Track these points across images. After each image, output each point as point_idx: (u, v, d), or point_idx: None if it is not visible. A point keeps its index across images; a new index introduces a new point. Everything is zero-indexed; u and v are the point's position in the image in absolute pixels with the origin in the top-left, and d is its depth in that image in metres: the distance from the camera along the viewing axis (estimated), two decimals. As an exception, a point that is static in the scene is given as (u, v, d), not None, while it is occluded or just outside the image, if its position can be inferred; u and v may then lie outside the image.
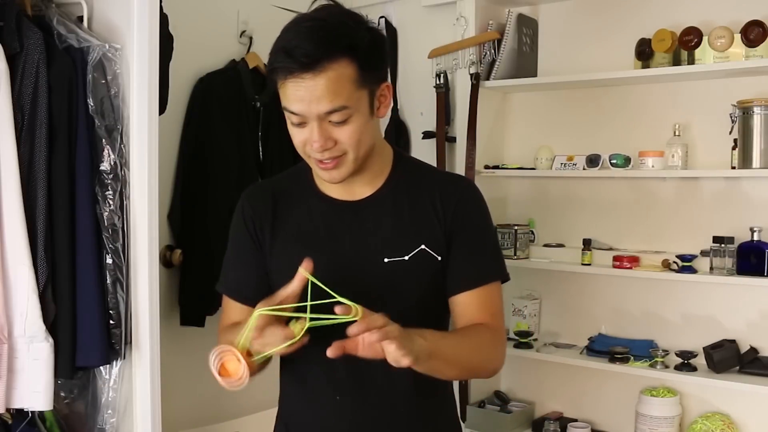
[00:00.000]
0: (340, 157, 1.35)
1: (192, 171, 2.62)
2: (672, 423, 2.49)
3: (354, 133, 1.34)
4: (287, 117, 1.36)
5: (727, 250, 2.38)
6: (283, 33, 1.34)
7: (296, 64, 1.28)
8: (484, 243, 1.50)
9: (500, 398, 2.80)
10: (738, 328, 2.48)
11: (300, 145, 1.36)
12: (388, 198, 1.46)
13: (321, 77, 1.28)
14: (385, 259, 1.41)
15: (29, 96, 1.72)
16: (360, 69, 1.31)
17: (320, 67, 1.27)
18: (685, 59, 2.50)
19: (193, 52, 2.60)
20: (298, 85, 1.29)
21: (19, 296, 1.70)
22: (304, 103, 1.30)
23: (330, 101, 1.29)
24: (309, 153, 1.36)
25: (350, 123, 1.33)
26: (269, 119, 2.81)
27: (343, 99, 1.30)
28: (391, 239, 1.43)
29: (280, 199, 1.50)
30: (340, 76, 1.29)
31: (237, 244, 1.52)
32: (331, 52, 1.28)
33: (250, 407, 2.76)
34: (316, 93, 1.29)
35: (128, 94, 1.86)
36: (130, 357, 1.88)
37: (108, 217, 1.82)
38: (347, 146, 1.34)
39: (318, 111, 1.30)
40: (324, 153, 1.34)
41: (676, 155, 2.47)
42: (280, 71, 1.31)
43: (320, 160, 1.35)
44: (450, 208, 1.45)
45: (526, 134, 2.93)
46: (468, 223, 1.47)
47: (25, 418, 1.80)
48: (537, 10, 2.90)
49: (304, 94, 1.29)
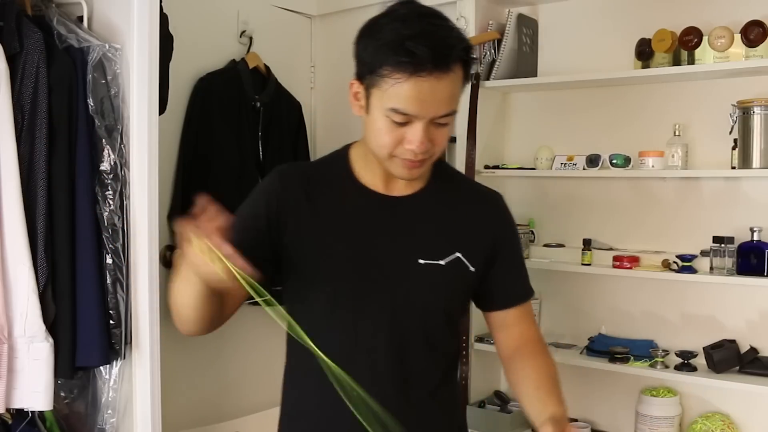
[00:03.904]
0: (426, 159, 1.33)
1: (192, 171, 2.62)
2: (672, 423, 2.49)
3: (446, 136, 1.32)
4: (385, 115, 1.27)
5: (727, 250, 2.37)
6: (393, 24, 1.26)
7: (428, 62, 1.21)
8: (522, 259, 1.54)
9: (500, 398, 2.80)
10: (738, 328, 2.48)
11: (391, 144, 1.29)
12: (428, 199, 1.44)
13: (447, 79, 1.24)
14: (420, 260, 1.39)
15: (29, 96, 1.72)
16: (465, 74, 1.30)
17: (449, 69, 1.24)
18: (685, 59, 2.49)
19: (193, 52, 2.60)
20: (422, 84, 1.22)
21: (19, 296, 1.70)
22: (424, 104, 1.24)
23: (449, 105, 1.27)
24: (398, 154, 1.30)
25: (446, 127, 1.31)
26: (269, 119, 2.81)
27: (455, 103, 1.29)
28: (428, 241, 1.41)
29: (315, 183, 1.43)
30: (458, 79, 1.27)
31: (249, 212, 1.43)
32: (456, 55, 1.25)
33: (250, 407, 2.76)
34: (438, 95, 1.24)
35: (128, 94, 1.86)
36: (130, 357, 1.88)
37: (108, 217, 1.82)
38: (438, 149, 1.32)
39: (436, 113, 1.26)
40: (418, 155, 1.29)
41: (676, 155, 2.46)
42: (404, 67, 1.22)
43: (411, 160, 1.30)
44: (491, 224, 1.46)
45: (526, 134, 2.93)
46: (509, 240, 1.49)
47: (25, 418, 1.80)
48: (537, 10, 2.90)
49: (427, 94, 1.23)
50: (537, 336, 1.53)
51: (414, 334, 1.41)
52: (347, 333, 1.34)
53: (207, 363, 2.73)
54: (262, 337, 2.90)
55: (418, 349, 1.42)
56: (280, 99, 2.88)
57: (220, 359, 2.77)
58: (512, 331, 1.51)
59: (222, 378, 2.77)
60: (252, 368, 2.83)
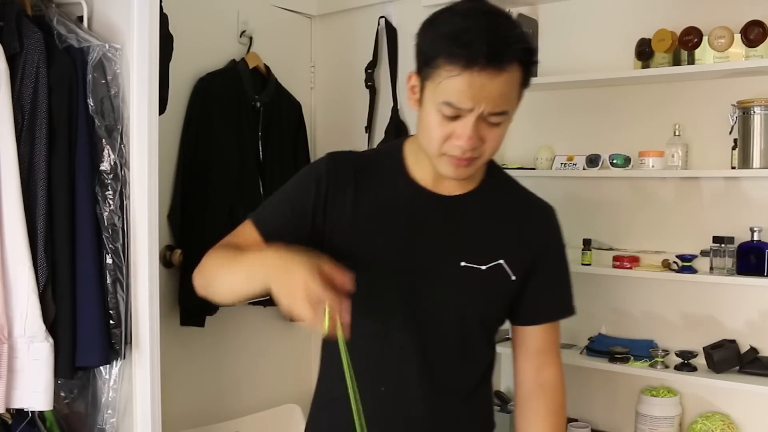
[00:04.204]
0: (476, 159, 1.30)
1: (192, 171, 2.62)
2: (672, 423, 2.49)
3: (499, 139, 1.30)
4: (437, 109, 1.26)
5: (727, 250, 2.37)
6: (453, 18, 1.25)
7: (482, 57, 1.20)
8: (565, 277, 1.50)
9: (500, 398, 2.80)
10: (738, 328, 2.48)
11: (440, 139, 1.28)
12: (477, 202, 1.41)
13: (501, 76, 1.22)
14: (462, 262, 1.37)
15: (29, 96, 1.72)
16: (524, 77, 1.28)
17: (503, 66, 1.22)
18: (685, 59, 2.49)
19: (193, 52, 2.60)
20: (474, 78, 1.21)
21: (19, 296, 1.70)
22: (474, 99, 1.22)
23: (500, 104, 1.25)
24: (446, 150, 1.29)
25: (500, 128, 1.29)
26: (269, 119, 2.81)
27: (509, 104, 1.27)
28: (472, 245, 1.38)
29: (366, 172, 1.41)
30: (513, 79, 1.25)
31: (297, 193, 1.41)
32: (513, 54, 1.23)
33: (250, 407, 2.76)
34: (491, 91, 1.22)
35: (128, 94, 1.86)
36: (130, 357, 1.88)
37: (108, 217, 1.82)
38: (488, 149, 1.30)
39: (486, 109, 1.24)
40: (467, 152, 1.27)
41: (676, 155, 2.46)
42: (457, 59, 1.21)
43: (458, 157, 1.28)
44: (537, 235, 1.44)
45: (526, 134, 2.93)
46: (552, 254, 1.47)
47: (25, 418, 1.80)
48: (537, 10, 2.90)
49: (478, 89, 1.21)
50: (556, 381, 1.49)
51: (446, 337, 1.39)
52: (378, 328, 1.33)
53: (207, 363, 2.73)
54: (263, 338, 2.90)
55: (448, 353, 1.40)
56: (280, 99, 2.88)
57: (220, 359, 2.77)
58: (532, 361, 1.47)
59: (222, 378, 2.77)
60: (252, 368, 2.83)
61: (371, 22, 3.01)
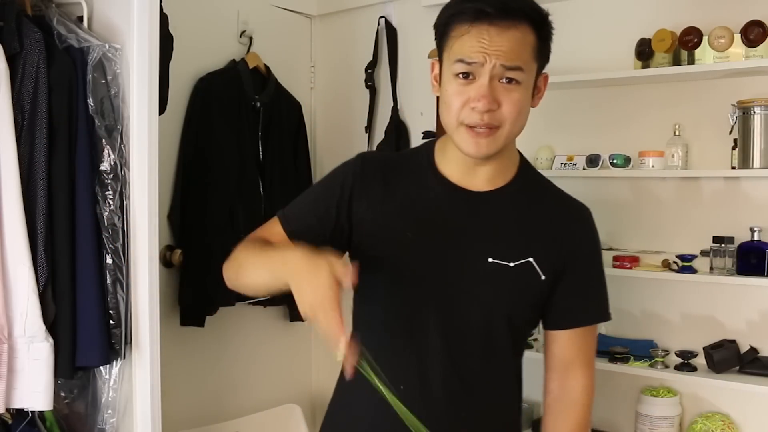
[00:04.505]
0: (496, 128, 1.30)
1: (192, 171, 2.62)
2: (672, 423, 2.49)
3: (517, 104, 1.30)
4: (452, 74, 1.28)
5: (727, 250, 2.37)
6: None
7: (490, 7, 1.23)
8: (597, 280, 1.46)
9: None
10: (738, 328, 2.48)
11: (458, 107, 1.28)
12: (508, 200, 1.39)
13: (511, 31, 1.25)
14: (489, 258, 1.34)
15: (29, 96, 1.72)
16: (539, 40, 1.29)
17: (512, 21, 1.24)
18: (685, 59, 2.49)
19: (193, 52, 2.60)
20: (484, 32, 1.24)
21: (19, 296, 1.70)
22: (485, 52, 1.24)
23: (513, 57, 1.25)
24: (464, 119, 1.29)
25: (517, 92, 1.29)
26: (269, 119, 2.81)
27: (523, 61, 1.27)
28: (500, 241, 1.36)
29: (395, 169, 1.41)
30: (525, 37, 1.27)
31: (323, 193, 1.42)
32: (523, 13, 1.26)
33: (250, 407, 2.76)
34: (501, 44, 1.24)
35: (128, 94, 1.86)
36: (130, 357, 1.88)
37: (108, 217, 1.82)
38: (506, 115, 1.29)
39: (499, 62, 1.25)
40: (484, 116, 1.27)
41: (676, 155, 2.46)
42: (466, 14, 1.25)
43: (476, 126, 1.28)
44: (570, 236, 1.41)
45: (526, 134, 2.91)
46: (586, 257, 1.43)
47: (25, 418, 1.80)
48: (537, 10, 2.90)
49: (488, 43, 1.24)
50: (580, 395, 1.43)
51: (471, 335, 1.36)
52: (401, 324, 1.30)
53: (207, 363, 2.73)
54: (263, 338, 2.90)
55: (473, 352, 1.37)
56: (280, 99, 2.88)
57: (220, 359, 2.77)
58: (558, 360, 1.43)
59: (222, 378, 2.77)
60: (252, 368, 2.83)
61: (371, 22, 3.01)
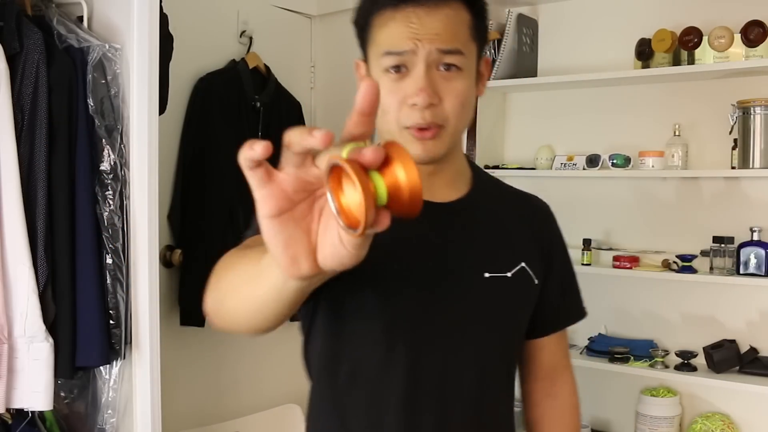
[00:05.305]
0: (440, 128, 1.12)
1: (192, 171, 2.62)
2: (672, 423, 2.49)
3: (460, 94, 1.12)
4: (382, 70, 1.13)
5: (727, 250, 2.38)
6: None
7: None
8: (573, 276, 1.36)
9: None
10: (738, 328, 2.48)
11: (395, 108, 1.12)
12: (480, 205, 1.25)
13: (442, 10, 1.10)
14: (486, 273, 1.19)
15: (29, 96, 1.72)
16: (474, 18, 1.14)
17: (439, 2, 1.10)
18: (685, 59, 2.50)
19: (193, 52, 2.60)
20: (412, 15, 1.09)
21: (19, 296, 1.70)
22: (415, 37, 1.09)
23: (448, 38, 1.10)
24: (404, 120, 1.12)
25: (459, 80, 1.12)
26: (269, 119, 2.81)
27: (461, 43, 1.12)
28: (491, 252, 1.21)
29: None
30: (459, 15, 1.12)
31: None
32: None
33: (250, 407, 2.76)
34: (432, 26, 1.10)
35: (128, 94, 1.86)
36: (130, 357, 1.88)
37: (108, 217, 1.82)
38: (449, 110, 1.12)
39: (434, 46, 1.09)
40: (425, 112, 1.10)
41: (676, 155, 2.47)
42: (385, 3, 1.12)
43: (419, 127, 1.11)
44: (545, 233, 1.30)
45: (526, 134, 2.93)
46: (561, 252, 1.32)
47: (25, 418, 1.80)
48: (537, 10, 2.90)
49: (417, 29, 1.09)
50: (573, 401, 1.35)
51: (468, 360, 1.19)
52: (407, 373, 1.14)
53: (207, 363, 2.73)
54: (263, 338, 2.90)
55: (496, 376, 1.23)
56: (280, 99, 2.88)
57: (220, 359, 2.77)
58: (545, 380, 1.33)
59: (222, 378, 2.77)
60: (252, 368, 2.83)
61: (371, 22, 3.01)
